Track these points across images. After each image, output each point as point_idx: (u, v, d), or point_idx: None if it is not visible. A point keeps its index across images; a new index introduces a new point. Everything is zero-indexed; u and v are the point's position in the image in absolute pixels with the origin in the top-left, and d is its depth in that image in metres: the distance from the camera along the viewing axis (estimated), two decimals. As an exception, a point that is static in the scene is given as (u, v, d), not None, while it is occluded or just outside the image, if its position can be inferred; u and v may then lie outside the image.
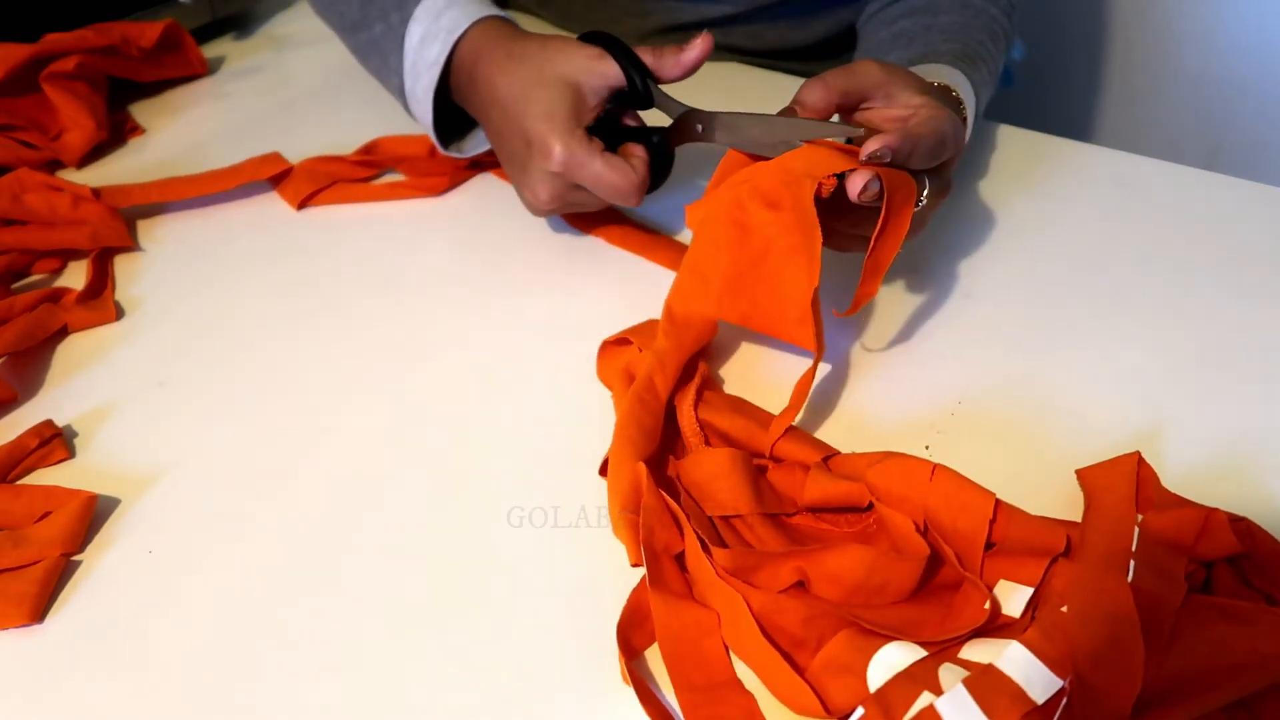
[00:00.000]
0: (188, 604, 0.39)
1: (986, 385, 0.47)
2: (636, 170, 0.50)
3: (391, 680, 0.36)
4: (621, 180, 0.50)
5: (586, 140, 0.50)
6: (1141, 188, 0.61)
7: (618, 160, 0.50)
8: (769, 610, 0.35)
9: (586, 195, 0.52)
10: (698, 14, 0.77)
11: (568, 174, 0.50)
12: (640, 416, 0.42)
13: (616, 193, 0.50)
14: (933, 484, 0.38)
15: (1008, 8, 0.63)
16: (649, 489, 0.38)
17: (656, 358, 0.44)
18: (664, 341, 0.45)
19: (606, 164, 0.49)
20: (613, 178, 0.50)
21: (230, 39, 0.84)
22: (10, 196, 0.59)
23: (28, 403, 0.49)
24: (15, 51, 0.66)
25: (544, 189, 0.51)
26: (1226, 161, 1.07)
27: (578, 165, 0.49)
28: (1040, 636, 0.32)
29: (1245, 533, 0.36)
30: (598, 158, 0.49)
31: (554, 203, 0.52)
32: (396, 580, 0.39)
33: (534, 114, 0.50)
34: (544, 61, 0.51)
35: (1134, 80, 1.10)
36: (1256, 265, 0.55)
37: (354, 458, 0.45)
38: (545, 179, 0.51)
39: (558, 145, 0.49)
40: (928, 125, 0.44)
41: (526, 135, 0.50)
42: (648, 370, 0.44)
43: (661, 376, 0.44)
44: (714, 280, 0.47)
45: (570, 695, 0.35)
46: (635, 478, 0.39)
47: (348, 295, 0.55)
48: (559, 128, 0.49)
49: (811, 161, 0.45)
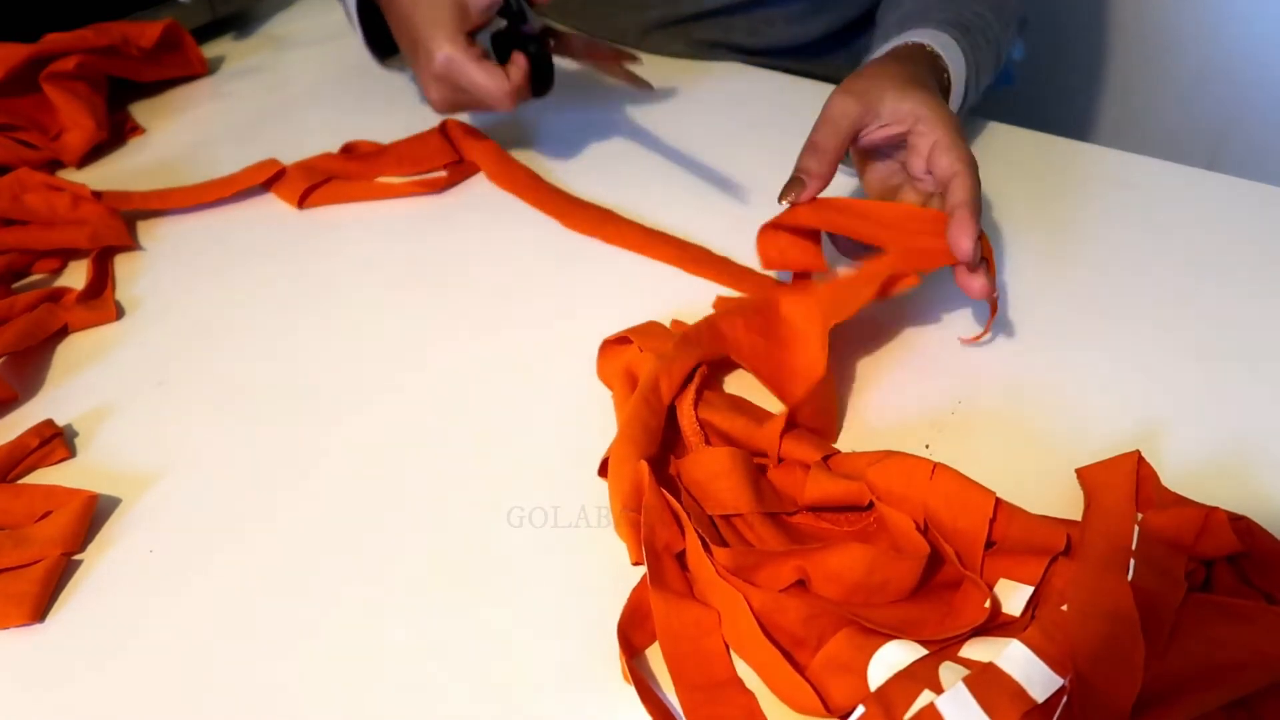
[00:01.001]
0: (188, 603, 0.39)
1: (986, 385, 0.47)
2: (511, 78, 0.55)
3: (392, 679, 0.36)
4: (494, 86, 0.55)
5: (466, 47, 0.55)
6: (1141, 188, 0.61)
7: (494, 67, 0.55)
8: (769, 609, 0.35)
9: (472, 98, 0.57)
10: (697, 6, 0.77)
11: (449, 78, 0.55)
12: (644, 416, 0.42)
13: (490, 97, 0.55)
14: (933, 483, 0.38)
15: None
16: (650, 488, 0.38)
17: (663, 361, 0.44)
18: (672, 348, 0.45)
19: (482, 70, 0.54)
20: (487, 83, 0.55)
21: (230, 39, 0.85)
22: (10, 196, 0.59)
23: (28, 402, 0.49)
24: (15, 51, 0.66)
25: (432, 90, 0.57)
26: (1226, 161, 1.07)
27: (457, 70, 0.55)
28: (1040, 635, 0.32)
29: (1245, 531, 0.37)
30: (473, 64, 0.54)
31: (444, 104, 0.58)
32: (397, 580, 0.39)
33: (420, 20, 0.55)
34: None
35: (1134, 80, 1.10)
36: (1256, 265, 0.55)
37: (354, 457, 0.45)
38: (431, 81, 0.56)
39: (438, 51, 0.54)
40: (958, 188, 0.46)
41: (415, 39, 0.56)
42: (654, 371, 0.44)
43: (667, 379, 0.44)
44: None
45: (570, 695, 0.35)
46: (637, 476, 0.39)
47: (348, 295, 0.55)
48: (440, 34, 0.54)
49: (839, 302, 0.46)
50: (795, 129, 0.69)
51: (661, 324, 0.50)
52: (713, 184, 0.64)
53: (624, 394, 0.45)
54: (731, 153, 0.67)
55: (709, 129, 0.69)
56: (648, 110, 0.71)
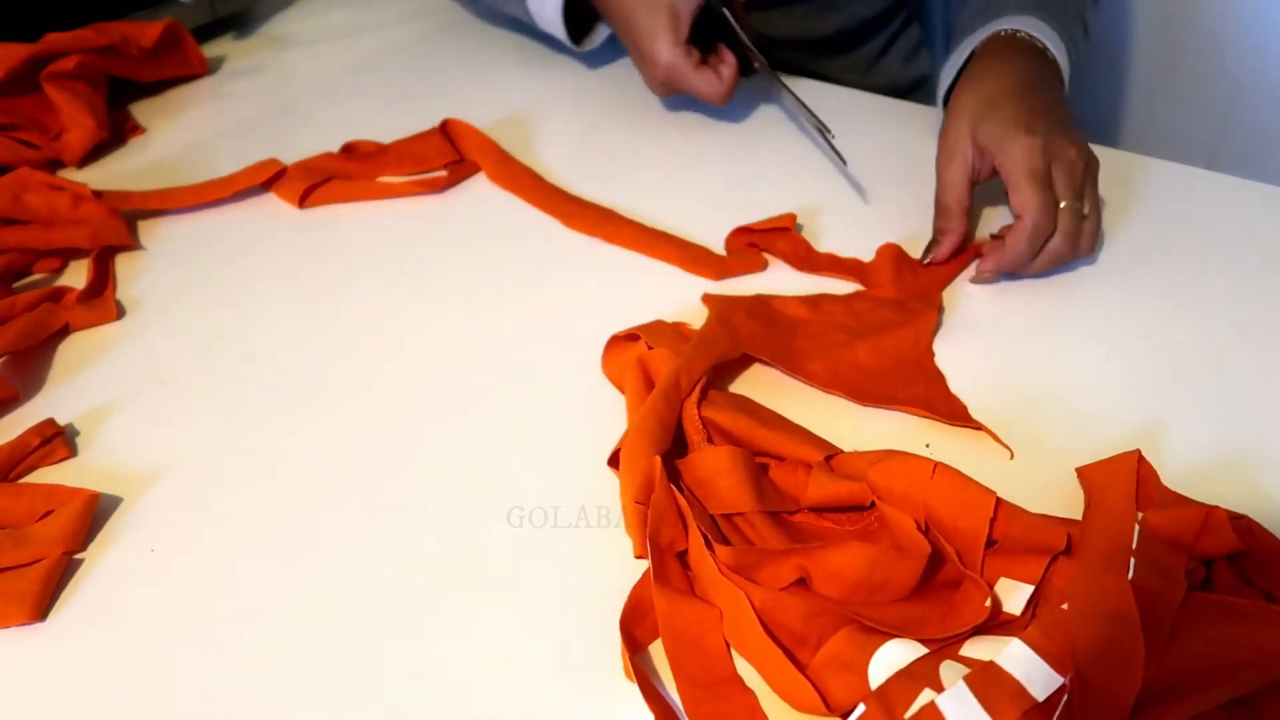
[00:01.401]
0: (189, 602, 0.39)
1: (986, 384, 0.47)
2: (724, 80, 0.64)
3: (392, 679, 0.36)
4: (711, 90, 0.64)
5: (683, 55, 0.63)
6: (1141, 188, 0.61)
7: (709, 73, 0.64)
8: (770, 607, 0.35)
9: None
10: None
11: (670, 82, 0.65)
12: (662, 411, 0.42)
13: (708, 99, 0.64)
14: (934, 482, 0.38)
15: None
16: (661, 483, 0.39)
17: (684, 359, 0.44)
18: (691, 347, 0.45)
19: (700, 76, 0.63)
20: (705, 88, 0.64)
21: (230, 39, 0.84)
22: (10, 196, 0.59)
23: (29, 401, 0.49)
24: (15, 51, 0.66)
25: (655, 88, 0.67)
26: (1227, 161, 1.07)
27: (677, 76, 0.64)
28: (1041, 634, 0.32)
29: (1245, 530, 0.37)
30: (692, 72, 0.63)
31: (666, 95, 0.68)
32: (397, 580, 0.39)
33: (640, 31, 0.64)
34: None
35: (1134, 80, 1.10)
36: (1257, 265, 0.55)
37: (354, 457, 0.45)
38: (653, 81, 0.66)
39: (660, 59, 0.63)
40: (1013, 237, 0.51)
41: (637, 47, 0.65)
42: (675, 369, 0.44)
43: (687, 377, 0.44)
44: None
45: (570, 695, 0.35)
46: (650, 470, 0.39)
47: (348, 294, 0.55)
48: (660, 46, 0.63)
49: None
50: (796, 129, 0.69)
51: (667, 323, 0.50)
52: (716, 182, 0.64)
53: (637, 388, 0.45)
54: (732, 152, 0.67)
55: (710, 128, 0.70)
56: (649, 109, 0.71)
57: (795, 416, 0.45)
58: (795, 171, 0.64)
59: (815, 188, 0.62)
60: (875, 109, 0.72)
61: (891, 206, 0.60)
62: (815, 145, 0.66)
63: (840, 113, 0.70)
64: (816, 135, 0.62)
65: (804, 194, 0.62)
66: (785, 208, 0.59)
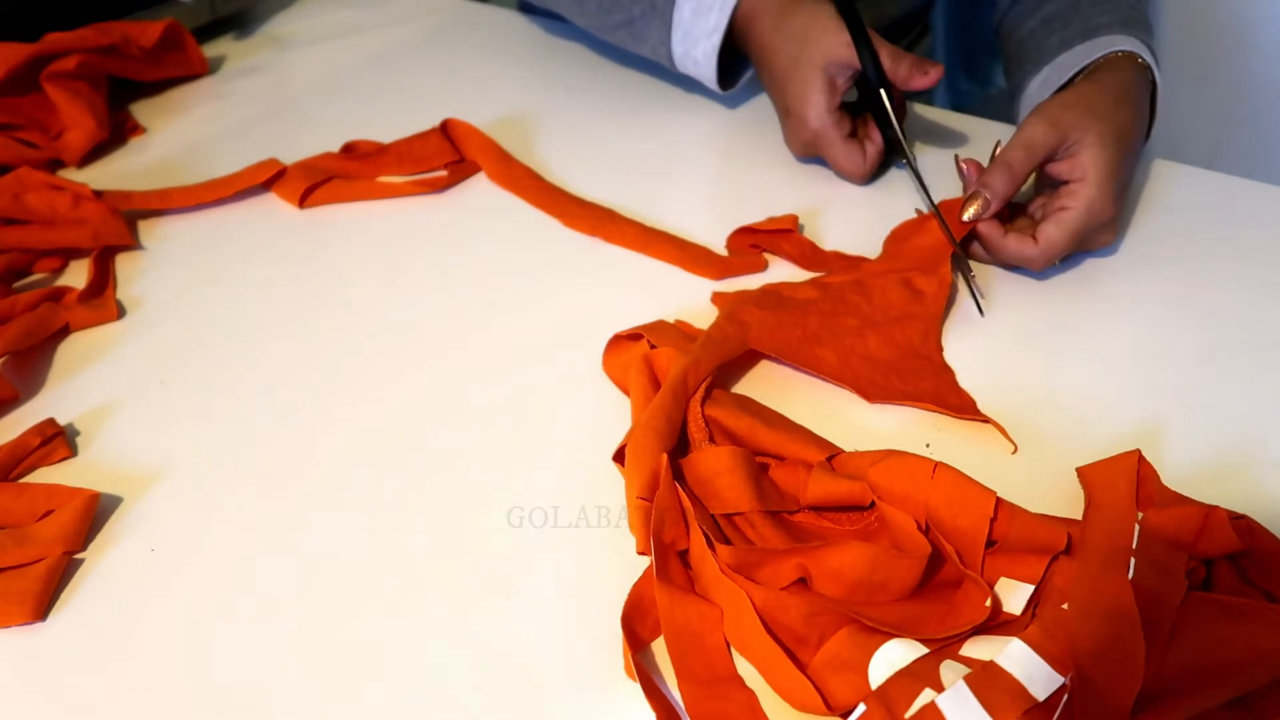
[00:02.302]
0: (189, 602, 0.39)
1: (987, 384, 0.47)
2: (868, 158, 0.61)
3: (391, 679, 0.36)
4: (853, 167, 0.61)
5: (833, 124, 0.60)
6: (1142, 188, 0.61)
7: (854, 148, 0.61)
8: (771, 606, 0.35)
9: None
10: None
11: (814, 147, 0.62)
12: (670, 409, 0.42)
13: (846, 175, 0.62)
14: (934, 482, 0.38)
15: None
16: (666, 481, 0.39)
17: (691, 358, 0.44)
18: (698, 346, 0.45)
19: (845, 150, 0.61)
20: (845, 163, 0.61)
21: (230, 39, 0.84)
22: (11, 196, 0.59)
23: (29, 401, 0.49)
24: (16, 51, 0.66)
25: (795, 147, 0.64)
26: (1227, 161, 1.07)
27: (824, 144, 0.61)
28: (1041, 634, 0.32)
29: (1245, 530, 0.37)
30: (839, 143, 0.61)
31: (804, 156, 0.64)
32: (397, 579, 0.39)
33: (793, 93, 0.61)
34: (803, 43, 0.60)
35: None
36: (1257, 264, 0.55)
37: (354, 457, 0.45)
38: (797, 142, 0.63)
39: (811, 124, 0.61)
40: (1015, 245, 0.52)
41: (787, 106, 0.62)
42: (683, 366, 0.44)
43: (694, 376, 0.44)
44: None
45: (570, 693, 0.35)
46: (656, 467, 0.39)
47: (348, 294, 0.55)
48: (811, 110, 0.60)
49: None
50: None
51: (670, 322, 0.50)
52: (717, 183, 0.64)
53: (643, 386, 0.45)
54: (733, 151, 0.67)
55: (711, 130, 0.70)
56: (650, 110, 0.71)
57: (797, 416, 0.45)
58: (798, 171, 0.64)
59: (817, 188, 0.62)
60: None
61: (896, 207, 0.60)
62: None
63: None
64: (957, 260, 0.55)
65: (806, 196, 0.62)
66: (786, 208, 0.59)
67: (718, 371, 0.45)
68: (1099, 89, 0.55)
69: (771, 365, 0.49)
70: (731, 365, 0.48)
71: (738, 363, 0.48)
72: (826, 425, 0.45)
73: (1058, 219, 0.51)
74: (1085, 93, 0.54)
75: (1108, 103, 0.53)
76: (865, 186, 0.62)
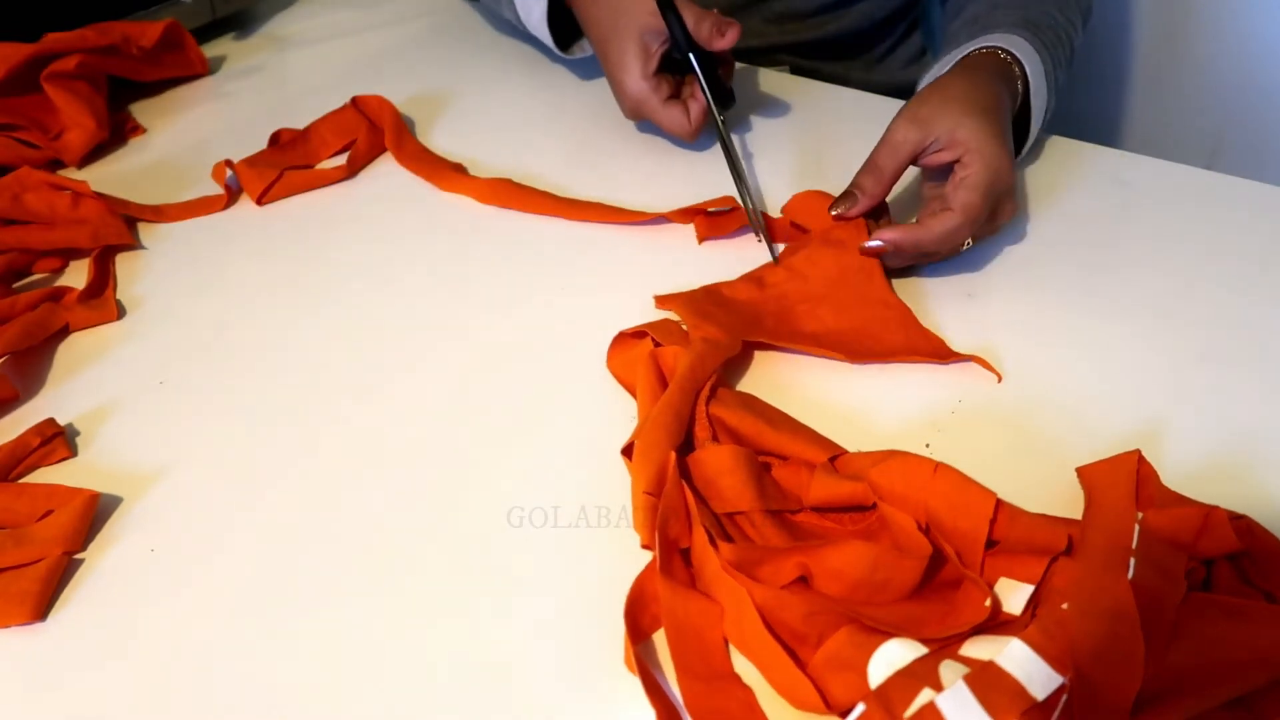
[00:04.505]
0: (189, 602, 0.39)
1: (987, 384, 0.47)
2: (692, 118, 0.63)
3: (391, 679, 0.36)
4: (678, 126, 0.63)
5: (651, 90, 0.62)
6: (1141, 188, 0.61)
7: (676, 109, 0.63)
8: (771, 605, 0.35)
9: None
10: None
11: (639, 112, 0.64)
12: (678, 405, 0.42)
13: (675, 134, 0.64)
14: (934, 483, 0.38)
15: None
16: (673, 478, 0.39)
17: (697, 356, 0.44)
18: (701, 346, 0.45)
19: (667, 112, 0.63)
20: (670, 125, 0.63)
21: (230, 39, 0.84)
22: (10, 196, 0.59)
23: (29, 401, 0.49)
24: (16, 51, 0.66)
25: (625, 111, 0.65)
26: (1226, 161, 1.07)
27: (647, 109, 0.63)
28: (1041, 634, 0.32)
29: (1245, 531, 0.37)
30: (659, 107, 0.63)
31: (637, 120, 0.67)
32: (397, 579, 0.39)
33: (613, 61, 0.63)
34: (618, 13, 0.62)
35: (1133, 80, 1.10)
36: (1256, 265, 0.55)
37: (354, 457, 0.45)
38: (623, 108, 0.65)
39: (631, 89, 0.63)
40: (936, 223, 0.51)
41: (609, 74, 0.64)
42: (690, 364, 0.44)
43: (702, 373, 0.44)
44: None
45: (570, 692, 0.35)
46: (664, 463, 0.40)
47: (348, 293, 0.55)
48: (630, 76, 0.62)
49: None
50: (799, 128, 0.69)
51: (674, 320, 0.50)
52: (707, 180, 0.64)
53: (650, 383, 0.45)
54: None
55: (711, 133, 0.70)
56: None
57: (799, 414, 0.45)
58: (781, 167, 0.64)
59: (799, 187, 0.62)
60: (881, 109, 0.72)
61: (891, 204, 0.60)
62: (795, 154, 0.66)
63: (841, 112, 0.70)
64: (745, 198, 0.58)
65: (788, 192, 0.61)
66: (767, 206, 0.59)
67: (723, 369, 0.46)
68: (952, 78, 0.55)
69: (772, 365, 0.49)
70: (733, 363, 0.48)
71: (739, 360, 0.48)
72: (828, 425, 0.45)
73: (964, 184, 0.51)
74: (940, 84, 0.55)
75: (962, 86, 0.54)
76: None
